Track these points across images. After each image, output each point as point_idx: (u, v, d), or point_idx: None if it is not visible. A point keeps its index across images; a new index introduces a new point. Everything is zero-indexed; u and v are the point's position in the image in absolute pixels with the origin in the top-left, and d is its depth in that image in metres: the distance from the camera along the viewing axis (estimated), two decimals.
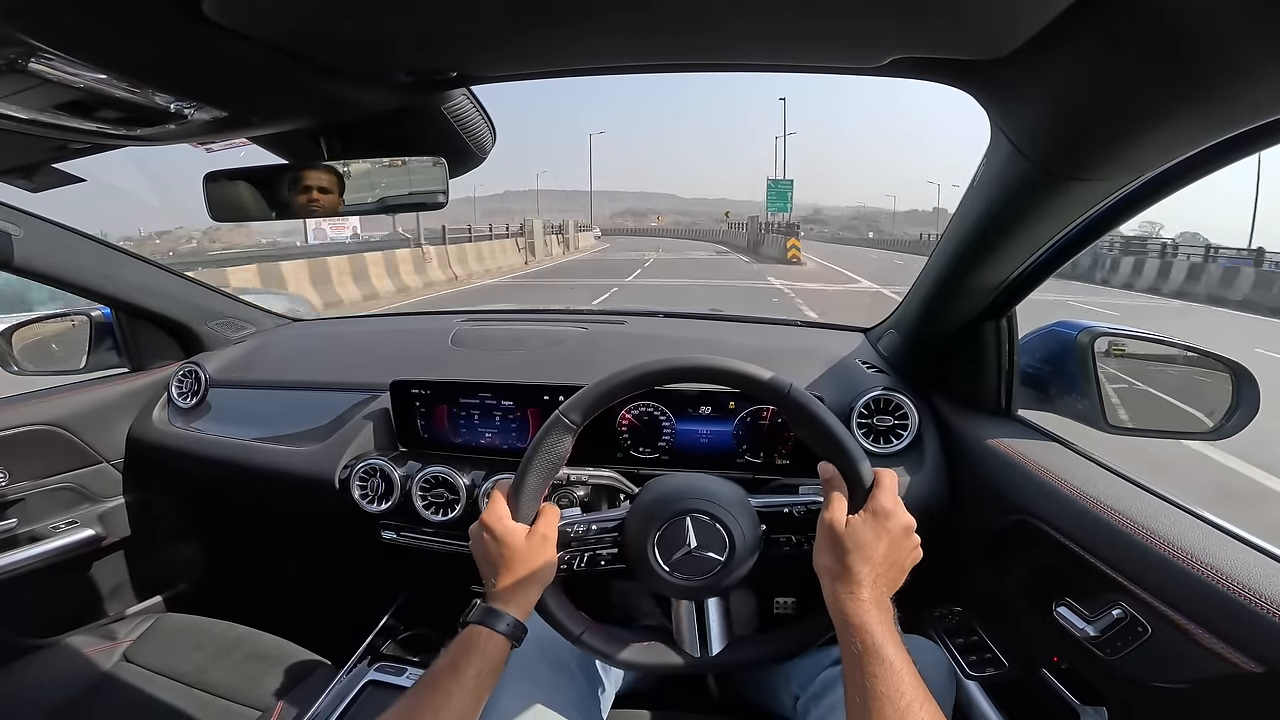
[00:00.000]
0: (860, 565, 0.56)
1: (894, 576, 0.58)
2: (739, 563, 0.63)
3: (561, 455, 0.65)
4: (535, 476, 0.64)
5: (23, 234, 1.08)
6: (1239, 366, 0.81)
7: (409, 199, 0.78)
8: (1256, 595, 0.52)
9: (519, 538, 0.62)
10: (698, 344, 1.30)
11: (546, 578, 0.63)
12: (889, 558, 0.57)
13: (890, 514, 0.58)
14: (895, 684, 0.50)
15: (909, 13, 0.46)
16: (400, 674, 1.09)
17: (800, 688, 0.85)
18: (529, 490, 0.64)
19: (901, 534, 0.59)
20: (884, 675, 0.51)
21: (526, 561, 0.62)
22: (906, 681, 0.50)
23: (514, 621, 0.60)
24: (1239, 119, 0.45)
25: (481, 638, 0.59)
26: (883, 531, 0.57)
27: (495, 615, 0.60)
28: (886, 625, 0.54)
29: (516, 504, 0.64)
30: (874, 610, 0.54)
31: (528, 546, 0.62)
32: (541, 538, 0.63)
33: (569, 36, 0.55)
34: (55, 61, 0.48)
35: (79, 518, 1.28)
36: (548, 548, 0.63)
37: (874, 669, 0.51)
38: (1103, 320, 0.90)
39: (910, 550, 0.60)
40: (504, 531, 0.62)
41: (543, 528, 0.63)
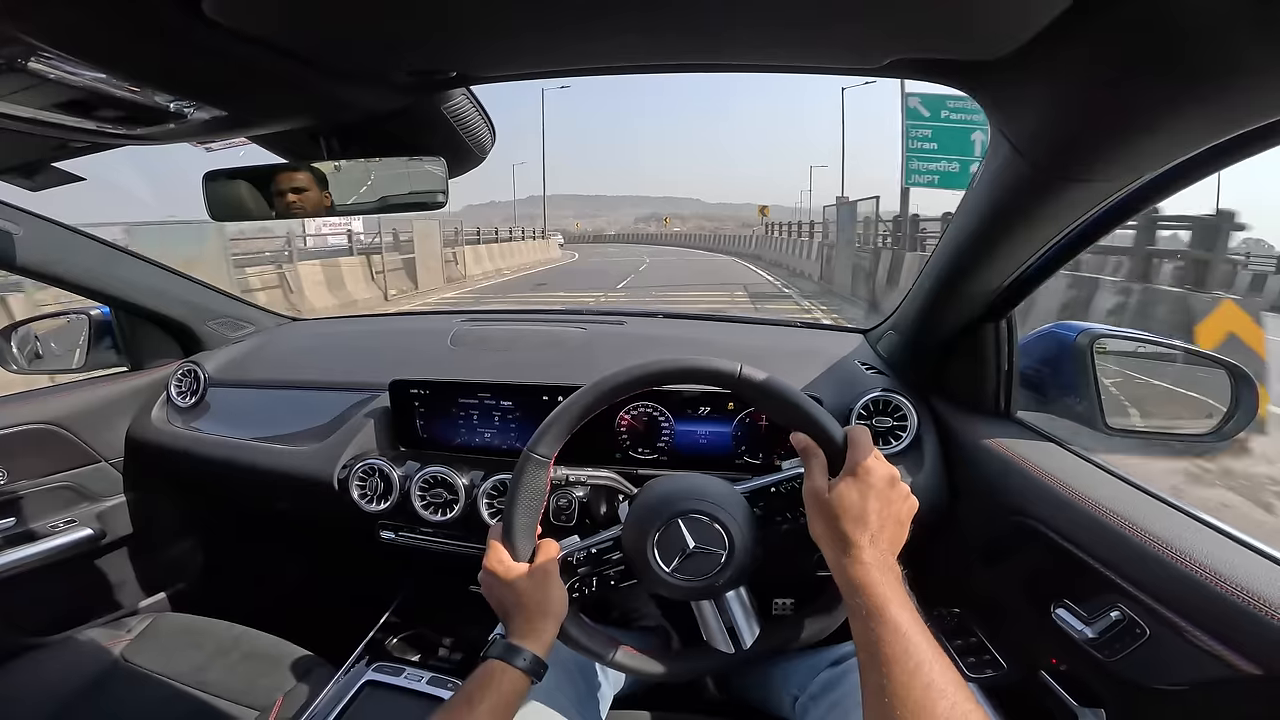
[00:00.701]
0: (853, 527, 0.55)
1: (893, 532, 0.57)
2: (740, 555, 0.63)
3: (542, 488, 0.66)
4: (522, 515, 0.65)
5: (23, 233, 1.08)
6: (1237, 368, 0.81)
7: (409, 199, 0.78)
8: (1255, 597, 0.52)
9: (522, 577, 0.63)
10: (697, 345, 1.30)
11: (559, 610, 0.63)
12: (880, 514, 0.56)
13: (870, 469, 0.57)
14: (902, 645, 0.49)
15: (909, 13, 0.46)
16: (399, 674, 1.09)
17: (800, 688, 0.85)
18: (520, 529, 0.65)
19: (886, 486, 0.57)
20: (890, 637, 0.49)
21: (535, 598, 0.62)
22: (914, 641, 0.49)
23: (532, 657, 0.60)
24: (1239, 119, 0.45)
25: (497, 672, 0.59)
26: (867, 489, 0.56)
27: (513, 650, 0.60)
28: (891, 585, 0.53)
29: (512, 545, 0.65)
30: (876, 572, 0.53)
31: (532, 584, 0.63)
32: (544, 573, 0.63)
33: (569, 37, 0.55)
34: (55, 61, 0.48)
35: (78, 517, 1.28)
36: (552, 581, 0.64)
37: (880, 631, 0.50)
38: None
39: (901, 500, 0.58)
40: (506, 573, 0.63)
41: (543, 563, 0.64)
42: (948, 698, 0.46)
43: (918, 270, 0.91)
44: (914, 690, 0.47)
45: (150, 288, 1.35)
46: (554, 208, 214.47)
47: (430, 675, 1.09)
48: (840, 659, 0.83)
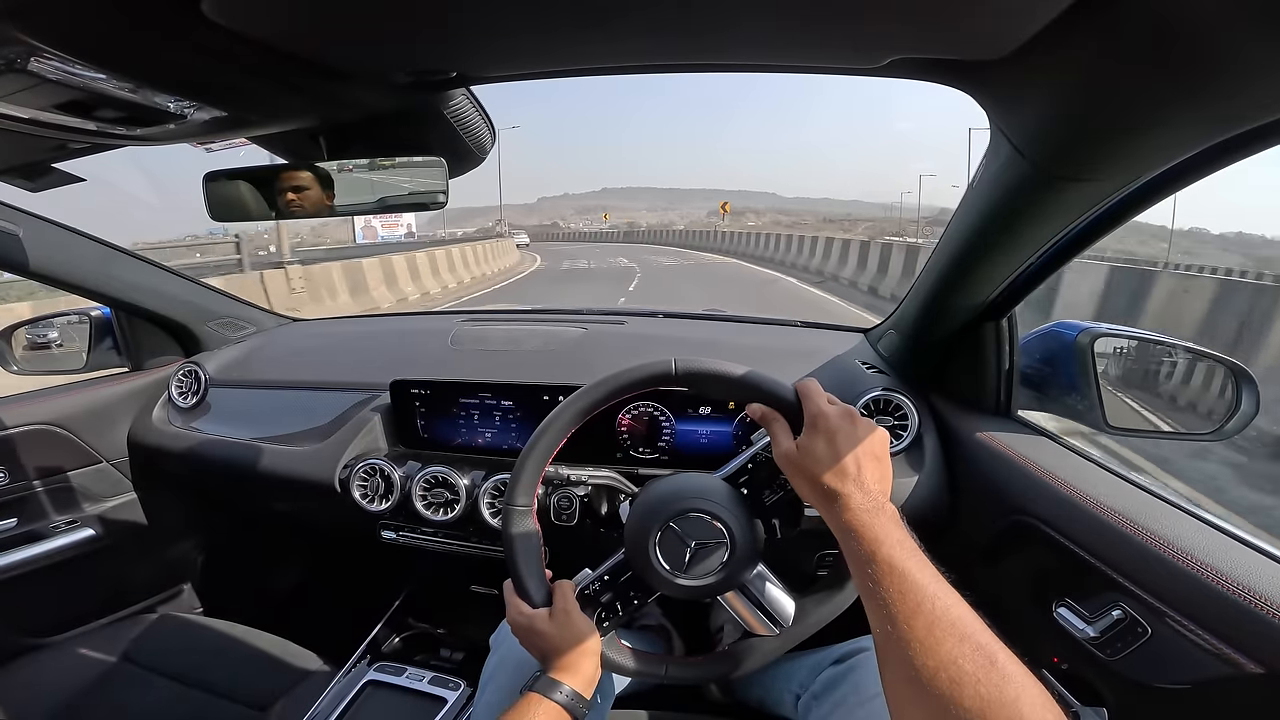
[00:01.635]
0: (832, 477, 0.54)
1: (873, 470, 0.55)
2: (742, 539, 0.63)
3: (534, 534, 0.67)
4: (524, 565, 0.66)
5: (23, 234, 1.08)
6: (1239, 366, 0.81)
7: (409, 199, 0.78)
8: (1256, 596, 0.52)
9: (544, 623, 0.63)
10: (697, 344, 1.30)
11: (591, 645, 0.63)
12: (854, 455, 0.54)
13: (827, 415, 0.56)
14: (898, 585, 0.47)
15: (909, 13, 0.46)
16: (400, 674, 1.10)
17: (802, 686, 0.85)
18: (527, 579, 0.66)
19: (849, 425, 0.56)
20: (885, 579, 0.48)
21: (563, 638, 0.62)
22: (911, 580, 0.47)
23: (573, 692, 0.60)
24: (1239, 119, 0.45)
25: (536, 706, 0.59)
26: (831, 434, 0.55)
27: (553, 685, 0.60)
28: (883, 526, 0.51)
29: (526, 595, 0.66)
30: (865, 515, 0.52)
31: (556, 626, 0.63)
32: (564, 613, 0.63)
33: (569, 37, 0.55)
34: (55, 61, 0.48)
35: (79, 518, 1.28)
36: (575, 619, 0.64)
37: (876, 574, 0.48)
38: None
39: (869, 433, 0.56)
40: (528, 622, 0.64)
41: (560, 604, 0.64)
42: (955, 634, 0.43)
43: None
44: (916, 630, 0.44)
45: (150, 288, 1.35)
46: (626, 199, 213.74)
47: (432, 675, 1.09)
48: (843, 657, 0.83)
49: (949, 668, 0.42)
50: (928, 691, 0.42)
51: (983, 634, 0.44)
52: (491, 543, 1.08)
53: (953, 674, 0.41)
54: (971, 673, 0.41)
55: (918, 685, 0.42)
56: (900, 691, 0.44)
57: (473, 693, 0.98)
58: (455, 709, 1.03)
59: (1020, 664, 0.42)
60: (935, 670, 0.42)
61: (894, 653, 0.45)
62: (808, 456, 0.55)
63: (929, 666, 0.42)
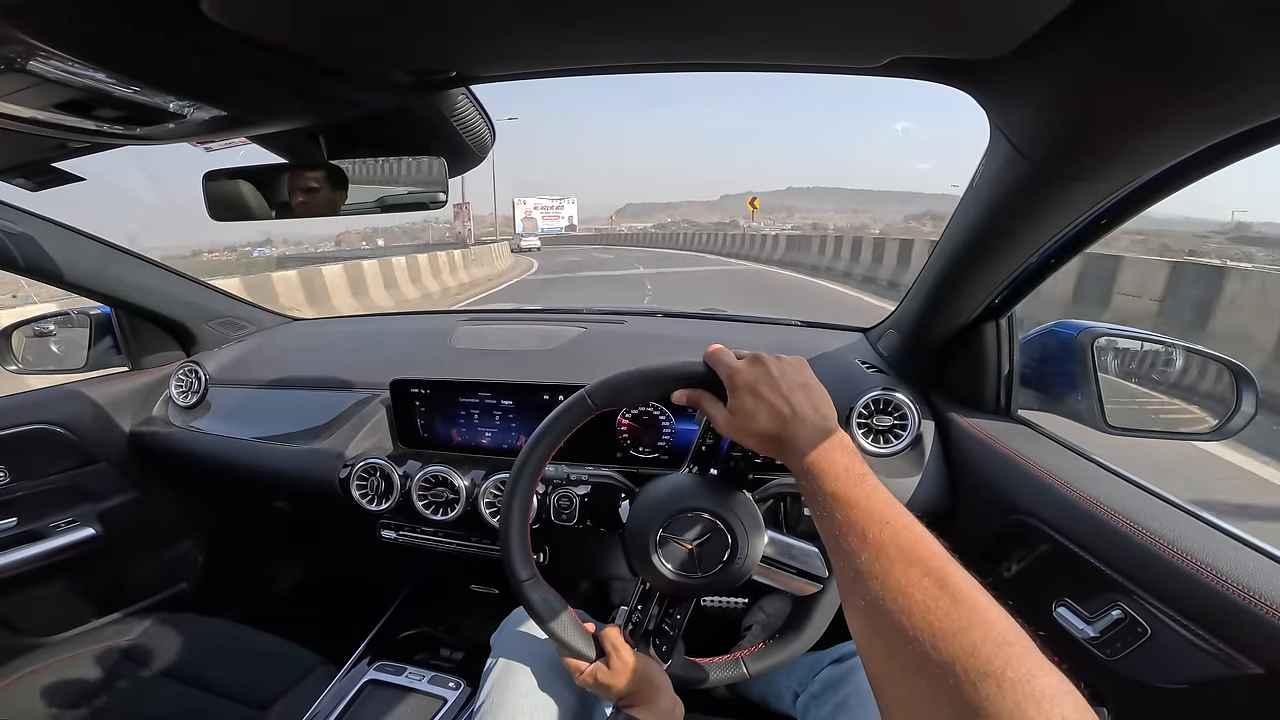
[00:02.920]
0: (770, 424, 0.52)
1: (804, 398, 0.53)
2: (736, 521, 0.64)
3: (552, 599, 0.67)
4: (561, 631, 0.66)
5: (23, 233, 1.08)
6: (1239, 366, 0.80)
7: (409, 199, 0.78)
8: (1256, 596, 0.52)
9: (605, 674, 0.64)
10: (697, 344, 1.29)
11: (658, 679, 0.64)
12: (780, 394, 0.53)
13: (739, 369, 0.55)
14: (844, 514, 0.45)
15: (909, 13, 0.46)
16: (400, 673, 1.10)
17: (800, 685, 0.86)
18: (572, 641, 0.66)
19: (763, 369, 0.55)
20: (833, 510, 0.46)
21: (628, 682, 0.63)
22: (859, 508, 0.45)
23: None
24: (1239, 119, 0.45)
25: None
26: (751, 385, 0.54)
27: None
28: (830, 457, 0.49)
29: (578, 654, 0.66)
30: (813, 449, 0.50)
31: (615, 673, 0.63)
32: (620, 660, 0.64)
33: (568, 36, 0.55)
34: (55, 61, 0.48)
35: (79, 517, 1.28)
36: (629, 659, 0.64)
37: (824, 508, 0.47)
38: None
39: (788, 369, 0.55)
40: (593, 678, 0.64)
41: (614, 651, 0.64)
42: (903, 559, 0.41)
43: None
44: (863, 559, 0.42)
45: (151, 288, 1.35)
46: (815, 200, 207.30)
47: (432, 674, 1.09)
48: (842, 657, 0.83)
49: (897, 597, 0.39)
50: (878, 623, 0.40)
51: (935, 557, 0.41)
52: (491, 542, 1.08)
53: (901, 603, 0.39)
54: (920, 600, 0.38)
55: (869, 617, 0.41)
56: (857, 628, 0.42)
57: (473, 692, 0.98)
58: (455, 708, 1.03)
59: (979, 588, 0.39)
60: (884, 599, 0.40)
61: (847, 586, 0.43)
62: (741, 415, 0.55)
63: (879, 596, 0.40)
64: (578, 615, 0.68)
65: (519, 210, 18.99)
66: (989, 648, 0.35)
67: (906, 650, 0.37)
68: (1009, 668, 0.33)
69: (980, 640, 0.35)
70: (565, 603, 0.67)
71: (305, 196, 0.79)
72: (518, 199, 22.62)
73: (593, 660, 0.65)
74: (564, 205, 21.37)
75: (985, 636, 0.35)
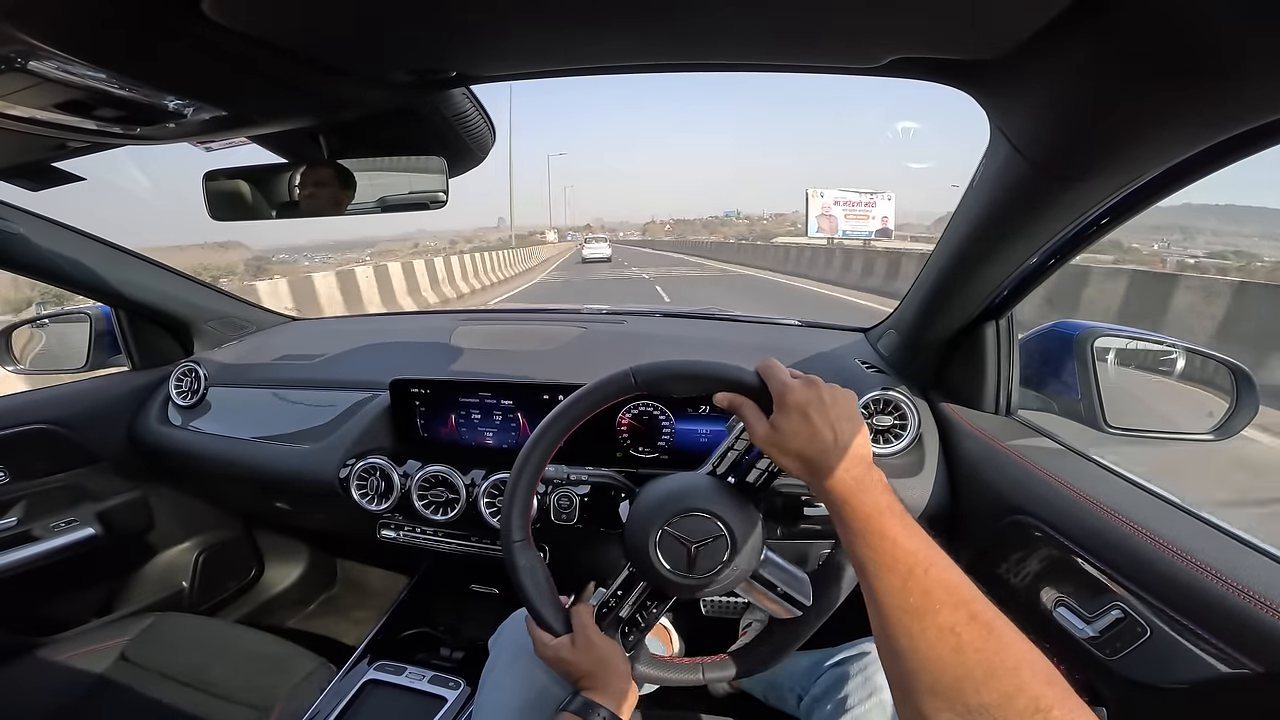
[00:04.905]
0: (812, 448, 0.53)
1: (849, 430, 0.54)
2: (739, 530, 0.63)
3: (537, 564, 0.67)
4: (536, 595, 0.66)
5: (23, 233, 1.08)
6: (1238, 367, 0.81)
7: (409, 199, 0.78)
8: (1256, 596, 0.52)
9: (569, 650, 0.63)
10: (697, 344, 1.30)
11: (619, 666, 0.64)
12: (828, 421, 0.54)
13: (792, 389, 0.55)
14: (891, 551, 0.47)
15: (908, 13, 0.46)
16: (400, 673, 1.10)
17: (803, 688, 0.86)
18: (544, 610, 0.66)
19: (815, 393, 0.55)
20: (877, 544, 0.47)
21: (589, 661, 0.63)
22: (904, 548, 0.47)
23: (608, 714, 0.60)
24: (1239, 119, 0.45)
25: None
26: (801, 406, 0.54)
27: (590, 707, 0.60)
28: (871, 493, 0.51)
29: (546, 625, 0.66)
30: (851, 482, 0.51)
31: (580, 652, 0.63)
32: (585, 638, 0.64)
33: (568, 37, 0.55)
34: (55, 60, 0.48)
35: (79, 517, 1.28)
36: (597, 641, 0.64)
37: (868, 540, 0.48)
38: None
39: (839, 398, 0.56)
40: (554, 652, 0.64)
41: (581, 629, 0.64)
42: (951, 601, 0.43)
43: None
44: (912, 598, 0.44)
45: (151, 287, 1.35)
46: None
47: (432, 674, 1.09)
48: (844, 659, 0.83)
49: (948, 636, 0.41)
50: (929, 661, 0.41)
51: (977, 600, 0.43)
52: (491, 542, 1.08)
53: (952, 643, 0.41)
54: (970, 640, 0.40)
55: (918, 655, 0.42)
56: (902, 663, 0.43)
57: (473, 692, 0.98)
58: (455, 708, 1.03)
59: (1016, 630, 0.41)
60: (935, 639, 0.41)
61: (893, 623, 0.45)
62: (784, 433, 0.55)
63: (928, 636, 0.42)
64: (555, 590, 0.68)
65: (814, 204, 13.71)
66: (1037, 687, 0.38)
67: (956, 688, 0.39)
68: (1055, 706, 0.36)
69: (1029, 679, 0.38)
70: (548, 573, 0.67)
71: (305, 196, 0.79)
72: (812, 189, 18.03)
73: (559, 635, 0.65)
74: (876, 202, 17.55)
75: (1033, 676, 0.38)
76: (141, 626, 1.16)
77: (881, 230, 16.88)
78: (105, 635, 1.15)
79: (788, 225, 32.68)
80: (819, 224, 16.40)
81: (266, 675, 1.06)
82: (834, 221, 16.51)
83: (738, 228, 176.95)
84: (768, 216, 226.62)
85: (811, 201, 14.48)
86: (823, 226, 16.27)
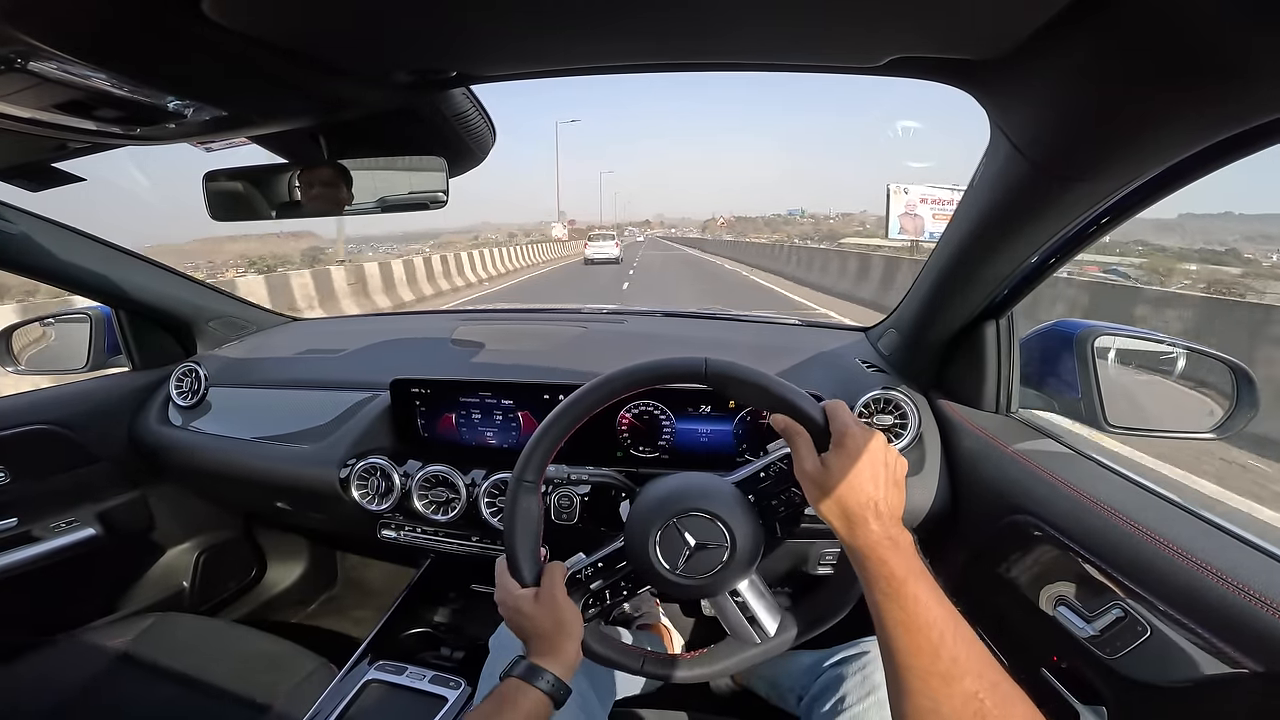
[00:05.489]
0: (856, 499, 0.54)
1: (893, 497, 0.55)
2: (742, 546, 0.63)
3: (537, 513, 0.66)
4: (521, 543, 0.65)
5: (23, 233, 1.08)
6: (1239, 366, 0.81)
7: (409, 199, 0.78)
8: (1256, 595, 0.52)
9: (530, 603, 0.63)
10: (698, 344, 1.30)
11: (574, 631, 0.63)
12: (877, 479, 0.55)
13: (855, 437, 0.56)
14: (924, 615, 0.48)
15: (908, 13, 0.46)
16: (400, 673, 1.09)
17: (803, 688, 0.86)
18: (522, 557, 0.65)
19: (878, 450, 0.56)
20: (911, 608, 0.49)
21: (547, 622, 0.62)
22: (934, 612, 0.48)
23: (554, 679, 0.60)
24: (1239, 119, 0.45)
25: (517, 691, 0.59)
26: (858, 457, 0.55)
27: (535, 671, 0.60)
28: (905, 555, 0.52)
29: (518, 572, 0.65)
30: (887, 541, 0.52)
31: (542, 607, 0.63)
32: (550, 595, 0.63)
33: (568, 37, 0.55)
34: (55, 61, 0.48)
35: (79, 517, 1.28)
36: (561, 602, 0.63)
37: (902, 603, 0.49)
38: None
39: (895, 462, 0.57)
40: (515, 601, 0.64)
41: (549, 587, 0.64)
42: (975, 669, 0.45)
43: None
44: (941, 664, 0.46)
45: (151, 288, 1.35)
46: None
47: (432, 674, 1.09)
48: (843, 659, 0.83)
49: (972, 702, 0.44)
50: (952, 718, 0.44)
51: (995, 668, 0.46)
52: (491, 542, 1.09)
53: (975, 708, 0.44)
54: (992, 709, 0.44)
55: (939, 717, 0.45)
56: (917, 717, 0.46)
57: (473, 692, 0.98)
58: (455, 708, 1.02)
59: (1028, 700, 0.45)
60: (960, 705, 0.44)
61: (919, 685, 0.46)
62: (832, 475, 0.55)
63: (954, 701, 0.45)
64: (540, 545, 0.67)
65: (895, 202, 13.78)
66: None
67: None
68: None
69: None
70: (541, 528, 0.66)
71: (306, 196, 0.79)
72: (894, 185, 15.10)
73: (526, 585, 0.64)
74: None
75: None
76: (142, 626, 1.16)
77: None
78: (106, 635, 1.15)
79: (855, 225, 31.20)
80: (901, 224, 13.76)
81: (267, 675, 1.06)
82: (919, 222, 13.54)
83: (802, 227, 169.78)
84: (834, 216, 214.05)
85: (893, 198, 12.18)
86: (905, 227, 13.70)
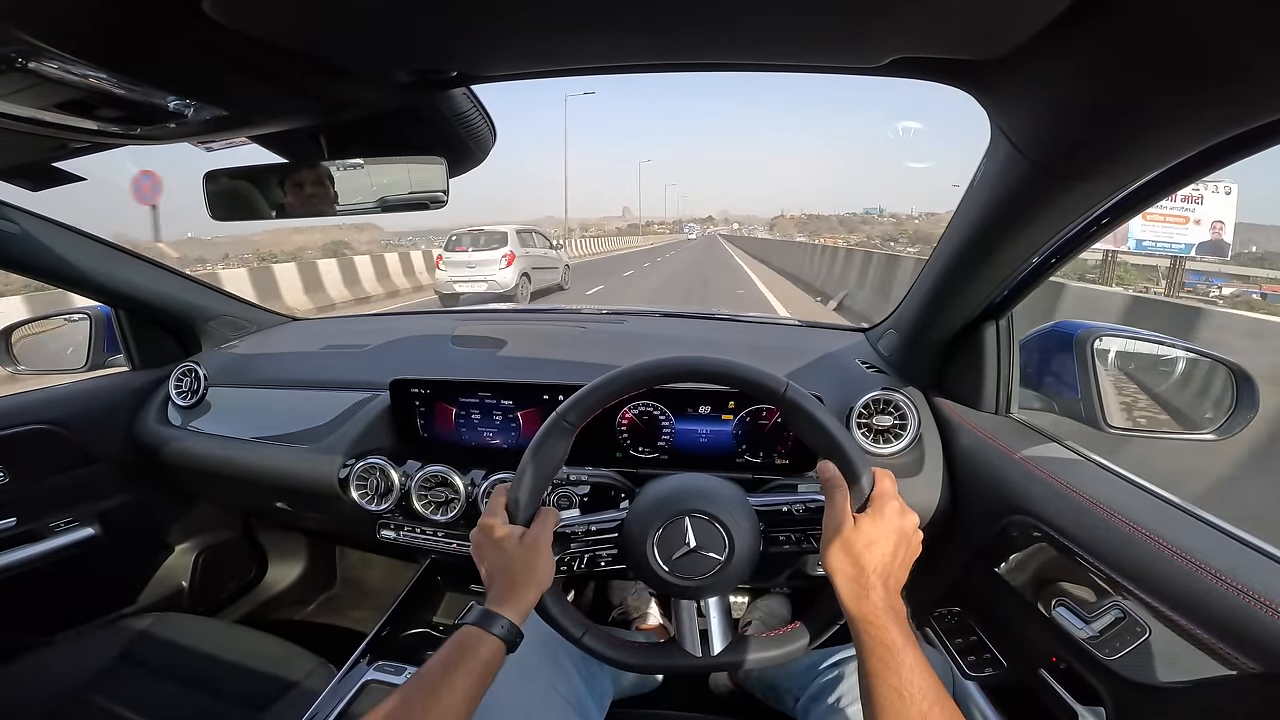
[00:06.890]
0: (872, 564, 0.56)
1: (902, 574, 0.58)
2: (739, 562, 0.63)
3: (560, 457, 0.66)
4: (533, 478, 0.64)
5: (23, 232, 1.08)
6: (1238, 367, 0.81)
7: (409, 199, 0.78)
8: (1255, 595, 0.52)
9: (514, 541, 0.62)
10: (697, 343, 1.30)
11: (543, 581, 0.63)
12: (897, 556, 0.57)
13: (897, 512, 0.58)
14: (918, 683, 0.50)
15: (909, 13, 0.46)
16: (399, 673, 1.09)
17: (800, 689, 0.86)
18: (526, 492, 0.64)
19: (910, 530, 0.59)
20: (906, 676, 0.51)
21: (522, 564, 0.62)
22: (925, 682, 0.51)
23: (509, 625, 0.59)
24: (1239, 119, 0.45)
25: (473, 638, 0.58)
26: (891, 531, 0.57)
27: (490, 617, 0.59)
28: (902, 625, 0.54)
29: (515, 506, 0.64)
30: (888, 610, 0.54)
31: (523, 549, 0.62)
32: (535, 539, 0.63)
33: (569, 37, 0.55)
34: (55, 60, 0.48)
35: (78, 517, 1.28)
36: (543, 551, 0.63)
37: (898, 671, 0.51)
38: None
39: (916, 547, 0.60)
40: (500, 535, 0.63)
41: (538, 530, 0.63)
42: None
43: None
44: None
45: (151, 287, 1.35)
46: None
47: None
48: (840, 660, 0.83)
49: None
50: None
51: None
52: None
53: None
54: None
55: None
56: None
57: None
58: None
59: None
60: None
61: None
62: (860, 534, 0.57)
63: None
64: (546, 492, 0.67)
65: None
66: None
67: None
68: None
69: None
70: (563, 471, 0.66)
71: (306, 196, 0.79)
72: None
73: (516, 523, 0.64)
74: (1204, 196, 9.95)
75: None
76: (141, 626, 1.16)
77: (1211, 244, 10.59)
78: (105, 635, 1.14)
79: (943, 227, 29.51)
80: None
81: (266, 675, 1.06)
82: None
83: (882, 226, 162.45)
84: (919, 215, 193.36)
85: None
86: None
